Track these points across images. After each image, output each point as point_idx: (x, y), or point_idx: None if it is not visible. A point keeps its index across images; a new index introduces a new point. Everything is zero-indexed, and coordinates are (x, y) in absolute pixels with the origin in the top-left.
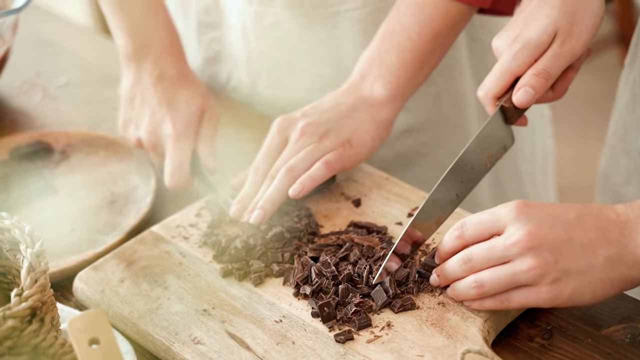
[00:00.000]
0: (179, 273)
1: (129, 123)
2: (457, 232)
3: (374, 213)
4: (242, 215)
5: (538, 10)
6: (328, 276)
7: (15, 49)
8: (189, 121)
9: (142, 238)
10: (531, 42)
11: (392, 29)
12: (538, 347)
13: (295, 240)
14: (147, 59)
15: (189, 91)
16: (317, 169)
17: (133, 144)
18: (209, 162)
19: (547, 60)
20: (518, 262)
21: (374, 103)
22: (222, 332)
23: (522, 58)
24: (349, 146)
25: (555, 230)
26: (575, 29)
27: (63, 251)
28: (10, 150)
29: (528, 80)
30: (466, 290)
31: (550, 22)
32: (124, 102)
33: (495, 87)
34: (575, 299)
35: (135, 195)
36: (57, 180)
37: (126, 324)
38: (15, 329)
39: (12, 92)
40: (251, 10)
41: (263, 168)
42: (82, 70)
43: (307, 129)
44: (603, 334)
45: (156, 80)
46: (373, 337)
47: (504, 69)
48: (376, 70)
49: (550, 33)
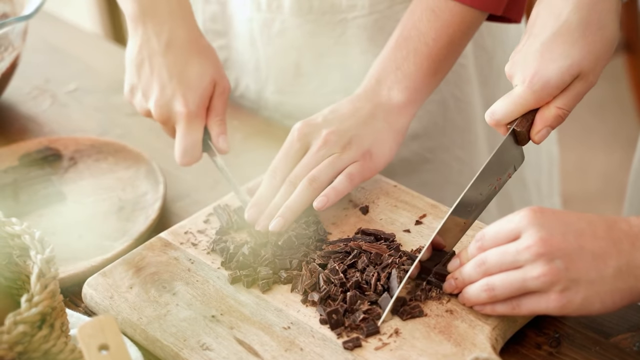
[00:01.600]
0: (187, 279)
1: (136, 90)
2: (477, 243)
3: (382, 220)
4: (257, 218)
5: (557, 45)
6: (336, 283)
7: (25, 56)
8: (201, 98)
9: (151, 244)
10: (551, 83)
11: (408, 34)
12: (546, 355)
13: (303, 247)
14: (154, 20)
15: (201, 61)
16: (341, 183)
17: (141, 113)
18: (219, 142)
19: (570, 100)
20: (529, 268)
21: (391, 109)
22: (231, 339)
23: (542, 97)
24: (369, 157)
25: (567, 238)
26: (598, 66)
27: (71, 257)
28: (19, 157)
29: (552, 122)
30: (477, 294)
31: (571, 64)
32: (131, 67)
33: (509, 118)
34: (584, 308)
35: (143, 201)
36: (65, 187)
37: (135, 329)
38: (25, 334)
39: (21, 98)
40: (259, 18)
41: (282, 172)
42: (90, 77)
43: (331, 137)
44: (611, 342)
45: (165, 47)
46: (381, 344)
47: (521, 103)
48: (392, 76)
49: (572, 75)
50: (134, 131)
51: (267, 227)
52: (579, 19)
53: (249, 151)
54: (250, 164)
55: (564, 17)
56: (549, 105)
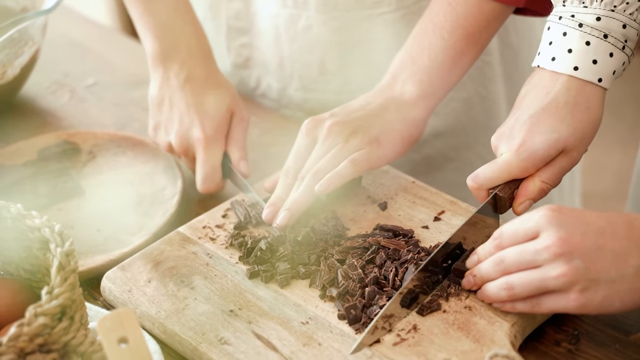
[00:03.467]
0: (205, 274)
1: (158, 127)
2: (496, 241)
3: (400, 216)
4: (274, 218)
5: (545, 119)
6: (354, 279)
7: (44, 50)
8: (219, 124)
9: (169, 239)
10: (537, 154)
11: (424, 28)
12: (565, 352)
13: (321, 242)
14: (175, 61)
15: (218, 93)
16: (344, 167)
17: (164, 148)
18: (240, 166)
19: (554, 175)
20: (548, 267)
21: (403, 102)
22: (249, 333)
23: (527, 167)
24: (377, 145)
25: (587, 237)
26: (582, 144)
27: (89, 251)
28: (38, 151)
29: (535, 195)
30: (497, 292)
31: (558, 138)
32: (153, 106)
33: (491, 183)
34: (604, 307)
35: (162, 196)
36: (84, 181)
37: (153, 323)
38: (46, 326)
39: (40, 92)
40: (285, 14)
41: (294, 170)
42: (109, 72)
43: (334, 128)
44: (631, 339)
45: (184, 83)
46: (399, 339)
47: (507, 170)
48: (407, 70)
49: (557, 149)
50: None
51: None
52: (568, 99)
53: (266, 146)
54: (267, 159)
55: (552, 95)
56: (533, 179)
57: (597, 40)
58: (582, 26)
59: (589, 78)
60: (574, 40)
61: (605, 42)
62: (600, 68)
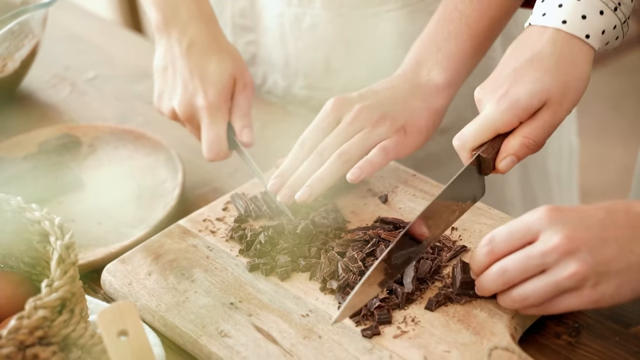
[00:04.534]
0: (206, 267)
1: (162, 95)
2: (486, 248)
3: (401, 209)
4: (279, 189)
5: (529, 70)
6: (355, 271)
7: (45, 43)
8: (221, 92)
9: (170, 232)
10: (519, 104)
11: (449, 16)
12: (565, 345)
13: (322, 235)
14: (176, 27)
15: (220, 59)
16: (376, 155)
17: (168, 116)
18: (243, 135)
19: (537, 130)
20: (559, 269)
21: (430, 90)
22: (249, 326)
23: (509, 118)
24: (403, 133)
25: (591, 231)
26: (566, 99)
27: (90, 244)
28: (39, 144)
29: (517, 150)
30: (511, 304)
31: (542, 88)
32: (156, 74)
33: (475, 141)
34: (617, 298)
35: (162, 189)
36: (84, 174)
37: (153, 316)
38: (46, 319)
39: (40, 86)
40: (290, 12)
41: (310, 143)
42: (110, 65)
43: (363, 112)
44: (631, 332)
45: (186, 49)
46: (400, 332)
47: (487, 125)
48: (433, 57)
49: (541, 99)
50: (153, 119)
51: (288, 197)
52: (553, 50)
53: (267, 139)
54: (267, 152)
55: (538, 48)
56: (515, 134)
57: None
58: None
59: (576, 32)
60: None
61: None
62: (588, 24)
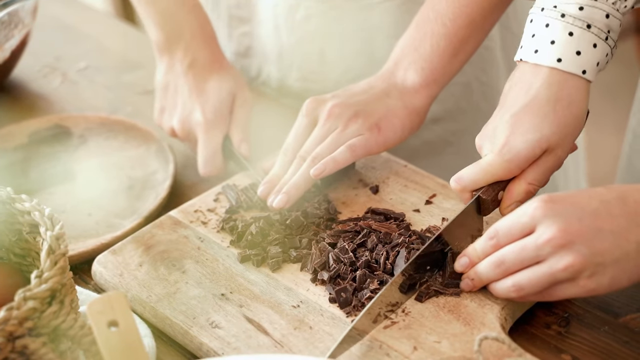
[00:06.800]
0: (197, 258)
1: (162, 112)
2: (492, 241)
3: (392, 200)
4: (269, 195)
5: (527, 117)
6: (346, 262)
7: (35, 33)
8: (219, 108)
9: (161, 222)
10: (521, 155)
11: (427, 16)
12: (555, 335)
13: (313, 226)
14: (179, 47)
15: (220, 77)
16: (341, 154)
17: (168, 133)
18: (241, 148)
19: (540, 175)
20: (554, 260)
21: (406, 90)
22: (240, 317)
23: (510, 168)
24: (376, 131)
25: (585, 222)
26: (566, 141)
27: (80, 235)
28: (29, 134)
29: (522, 197)
30: (506, 294)
31: (541, 137)
32: (158, 92)
33: (476, 185)
34: (613, 287)
35: (153, 180)
36: (75, 164)
37: (144, 307)
38: (35, 310)
39: (31, 76)
40: (284, 4)
41: (292, 149)
42: (101, 55)
43: (335, 110)
44: (620, 322)
45: (187, 68)
46: (390, 322)
47: (491, 172)
48: (409, 57)
49: (542, 148)
50: (144, 110)
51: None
52: (549, 94)
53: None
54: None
55: (533, 91)
56: (519, 181)
57: (580, 30)
58: (564, 16)
59: (573, 70)
60: (557, 31)
61: (589, 32)
62: (584, 60)
